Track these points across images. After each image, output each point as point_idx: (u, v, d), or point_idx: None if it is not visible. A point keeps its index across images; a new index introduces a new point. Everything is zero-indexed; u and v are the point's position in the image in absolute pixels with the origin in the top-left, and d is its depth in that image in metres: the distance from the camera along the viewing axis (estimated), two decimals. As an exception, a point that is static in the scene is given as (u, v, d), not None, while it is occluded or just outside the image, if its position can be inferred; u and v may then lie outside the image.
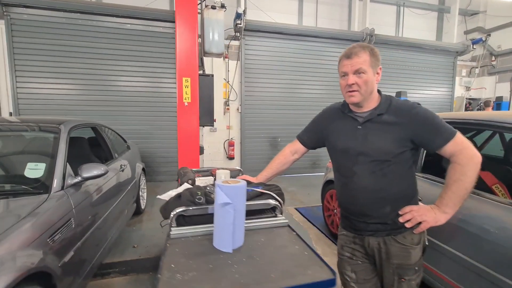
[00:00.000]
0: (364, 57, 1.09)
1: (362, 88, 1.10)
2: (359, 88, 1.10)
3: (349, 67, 1.10)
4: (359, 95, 1.11)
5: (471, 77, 7.93)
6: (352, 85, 1.10)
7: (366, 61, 1.09)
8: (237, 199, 0.82)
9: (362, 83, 1.10)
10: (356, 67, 1.09)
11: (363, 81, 1.09)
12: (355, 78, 1.10)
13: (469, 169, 1.04)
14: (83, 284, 1.90)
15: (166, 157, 5.60)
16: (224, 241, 0.84)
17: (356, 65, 1.09)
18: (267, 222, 1.05)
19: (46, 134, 2.14)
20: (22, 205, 1.53)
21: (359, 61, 1.08)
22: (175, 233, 0.92)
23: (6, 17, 4.66)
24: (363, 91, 1.11)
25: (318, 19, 6.87)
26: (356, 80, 1.10)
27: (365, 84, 1.10)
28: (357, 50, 1.10)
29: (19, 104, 4.89)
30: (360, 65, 1.08)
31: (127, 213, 3.03)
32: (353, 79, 1.10)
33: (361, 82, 1.09)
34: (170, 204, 0.99)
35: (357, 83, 1.10)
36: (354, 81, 1.10)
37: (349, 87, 1.12)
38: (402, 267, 1.14)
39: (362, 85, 1.10)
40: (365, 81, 1.09)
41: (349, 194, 1.20)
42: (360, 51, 1.09)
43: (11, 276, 1.14)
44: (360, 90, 1.10)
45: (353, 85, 1.10)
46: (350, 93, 1.12)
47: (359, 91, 1.11)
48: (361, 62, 1.08)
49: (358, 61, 1.08)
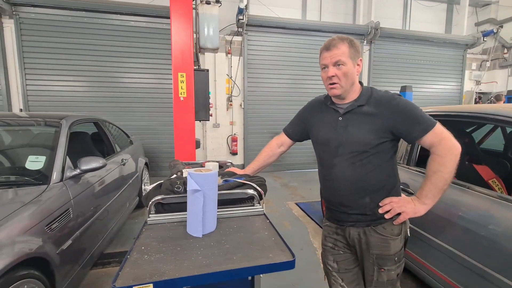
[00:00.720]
0: (343, 49, 1.09)
1: (342, 80, 1.10)
2: (339, 80, 1.11)
3: (328, 59, 1.11)
4: (339, 87, 1.12)
5: (481, 71, 7.69)
6: (332, 77, 1.11)
7: (345, 52, 1.09)
8: (206, 186, 0.85)
9: (341, 75, 1.10)
10: (336, 59, 1.09)
11: (342, 73, 1.10)
12: (334, 70, 1.10)
13: (448, 160, 1.04)
14: (83, 272, 1.98)
15: (170, 152, 5.69)
16: (194, 227, 0.88)
17: (335, 56, 1.09)
18: (243, 211, 1.09)
19: (49, 128, 2.23)
20: (22, 194, 1.61)
21: (338, 52, 1.09)
22: (152, 220, 0.97)
23: (15, 16, 4.81)
24: (343, 83, 1.11)
25: (322, 13, 6.79)
26: (336, 72, 1.10)
27: (344, 76, 1.10)
28: (336, 42, 1.10)
29: (28, 101, 5.07)
30: (339, 57, 1.08)
31: (129, 206, 3.12)
32: (332, 71, 1.10)
33: (340, 74, 1.10)
34: (150, 193, 1.03)
35: (337, 75, 1.10)
36: (334, 73, 1.10)
37: (329, 79, 1.12)
38: (382, 258, 1.16)
39: (342, 77, 1.10)
40: (345, 73, 1.10)
41: (330, 186, 1.21)
42: (339, 42, 1.10)
43: (8, 260, 1.21)
44: (340, 82, 1.11)
45: (333, 77, 1.11)
46: (331, 86, 1.13)
47: (339, 83, 1.11)
48: (340, 54, 1.08)
49: (337, 52, 1.09)
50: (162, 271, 0.71)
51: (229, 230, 0.94)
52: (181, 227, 0.95)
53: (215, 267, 0.72)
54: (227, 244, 0.84)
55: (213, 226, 0.94)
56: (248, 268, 0.73)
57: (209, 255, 0.79)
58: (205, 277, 0.70)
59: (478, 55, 7.74)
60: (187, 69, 3.01)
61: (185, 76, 2.97)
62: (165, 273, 0.70)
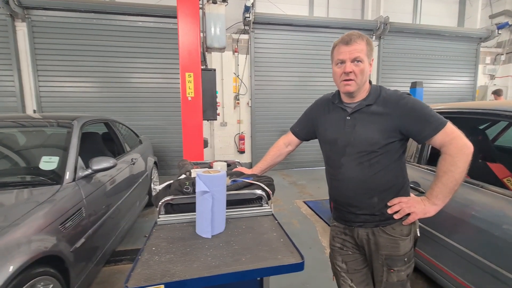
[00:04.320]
0: (362, 45, 1.06)
1: (359, 77, 1.07)
2: (356, 77, 1.07)
3: (347, 54, 1.06)
4: (355, 84, 1.08)
5: (495, 65, 7.44)
6: (350, 73, 1.07)
7: (364, 49, 1.06)
8: (215, 187, 0.86)
9: (358, 72, 1.07)
10: (355, 54, 1.05)
11: (360, 69, 1.06)
12: (352, 66, 1.06)
13: (459, 159, 1.02)
14: (96, 270, 2.04)
15: (178, 151, 5.76)
16: (203, 227, 0.89)
17: (354, 52, 1.05)
18: (252, 211, 1.09)
19: (61, 129, 2.29)
20: (36, 194, 1.67)
21: (357, 48, 1.05)
22: (162, 220, 0.99)
23: (27, 19, 4.94)
24: (359, 80, 1.08)
25: (329, 9, 6.69)
26: (354, 68, 1.06)
27: (361, 74, 1.07)
28: (355, 37, 1.06)
29: (41, 102, 5.21)
30: (358, 53, 1.05)
31: (139, 204, 3.18)
32: (350, 67, 1.06)
33: (358, 70, 1.06)
34: (160, 193, 1.05)
35: (354, 72, 1.07)
36: (352, 69, 1.06)
37: (346, 75, 1.08)
38: (391, 258, 1.14)
39: (359, 74, 1.07)
40: (362, 70, 1.07)
41: (338, 186, 1.20)
42: (359, 38, 1.06)
43: (25, 258, 1.26)
44: (356, 80, 1.08)
45: (351, 73, 1.07)
46: (346, 82, 1.09)
47: (355, 80, 1.08)
48: (359, 50, 1.05)
49: (357, 48, 1.05)
50: (172, 272, 0.72)
51: (238, 230, 0.95)
52: (190, 228, 0.96)
53: (224, 269, 0.73)
54: (235, 245, 0.85)
55: (222, 227, 0.95)
56: (257, 270, 0.74)
57: (218, 256, 0.80)
58: (215, 279, 0.71)
59: (493, 48, 7.49)
60: (195, 69, 3.03)
61: (193, 76, 2.99)
62: (175, 274, 0.71)
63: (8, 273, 1.17)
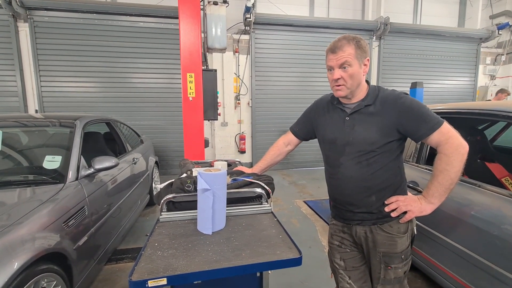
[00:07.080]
0: (348, 51, 1.09)
1: (348, 82, 1.11)
2: (345, 82, 1.11)
3: (334, 61, 1.11)
4: (345, 88, 1.12)
5: (496, 65, 7.45)
6: (338, 80, 1.11)
7: (351, 54, 1.09)
8: (216, 185, 0.89)
9: (347, 77, 1.10)
10: (341, 61, 1.09)
11: (348, 75, 1.10)
12: (340, 72, 1.10)
13: (454, 159, 1.04)
14: (98, 267, 2.07)
15: (179, 150, 5.78)
16: (204, 224, 0.91)
17: (341, 59, 1.09)
18: (252, 209, 1.12)
19: (64, 129, 2.31)
20: (40, 193, 1.69)
21: (343, 55, 1.09)
22: (164, 217, 1.02)
23: (29, 20, 4.97)
24: (349, 84, 1.11)
25: (330, 9, 6.71)
26: (342, 74, 1.10)
27: (350, 78, 1.10)
28: (341, 44, 1.10)
29: (43, 102, 5.24)
30: (344, 59, 1.08)
31: (141, 203, 3.21)
32: (338, 73, 1.11)
33: (346, 76, 1.10)
34: (162, 191, 1.08)
35: (343, 77, 1.10)
36: (340, 75, 1.10)
37: (335, 81, 1.13)
38: (389, 256, 1.17)
39: (348, 79, 1.10)
40: (351, 75, 1.10)
41: (336, 185, 1.23)
42: (345, 44, 1.09)
43: (30, 255, 1.28)
44: (346, 84, 1.11)
45: (339, 79, 1.11)
46: (337, 87, 1.14)
47: (345, 85, 1.12)
48: (345, 55, 1.08)
49: (343, 55, 1.09)
50: (174, 266, 0.75)
51: (238, 227, 0.98)
52: (191, 225, 0.99)
53: (224, 263, 0.75)
54: (236, 241, 0.88)
55: (223, 224, 0.97)
56: (256, 265, 0.76)
57: (219, 251, 0.82)
58: (215, 272, 0.73)
59: (493, 49, 7.50)
60: (196, 70, 3.06)
61: (194, 76, 3.01)
62: (177, 268, 0.74)
63: (13, 269, 1.19)
